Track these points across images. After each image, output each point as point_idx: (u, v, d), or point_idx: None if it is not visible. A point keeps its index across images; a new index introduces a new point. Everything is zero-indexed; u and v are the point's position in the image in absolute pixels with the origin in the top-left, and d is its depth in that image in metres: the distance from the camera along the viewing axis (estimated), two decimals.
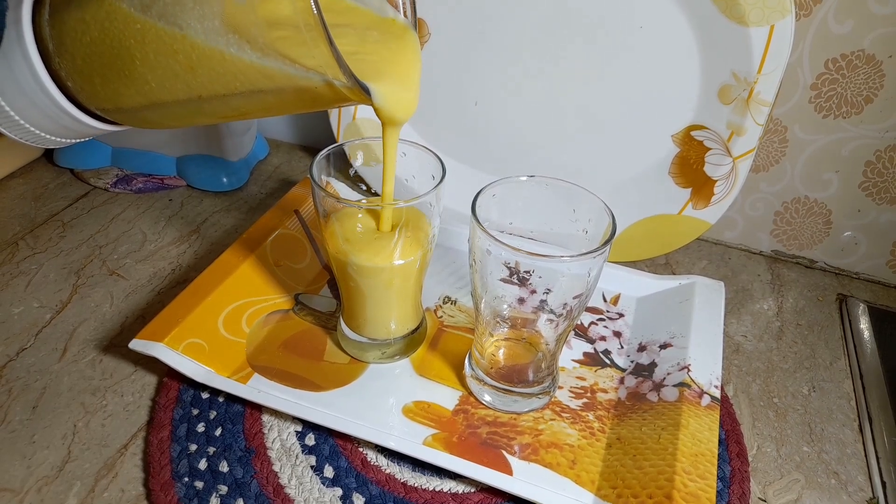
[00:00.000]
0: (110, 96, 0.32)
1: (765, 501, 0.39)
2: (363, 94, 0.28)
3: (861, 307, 0.53)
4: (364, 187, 0.61)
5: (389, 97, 0.32)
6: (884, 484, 0.39)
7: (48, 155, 0.65)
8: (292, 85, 0.27)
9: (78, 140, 0.38)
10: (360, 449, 0.39)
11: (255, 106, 0.30)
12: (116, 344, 0.46)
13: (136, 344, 0.41)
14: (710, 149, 0.51)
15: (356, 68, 0.27)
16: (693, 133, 0.51)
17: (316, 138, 0.71)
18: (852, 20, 0.46)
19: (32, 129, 0.35)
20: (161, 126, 0.35)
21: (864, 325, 0.51)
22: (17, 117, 0.34)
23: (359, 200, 0.39)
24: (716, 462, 0.36)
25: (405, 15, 0.36)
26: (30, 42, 0.31)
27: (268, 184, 0.65)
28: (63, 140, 0.37)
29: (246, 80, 0.28)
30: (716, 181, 0.51)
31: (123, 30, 0.29)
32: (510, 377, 0.41)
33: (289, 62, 0.26)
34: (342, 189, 0.47)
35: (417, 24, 0.36)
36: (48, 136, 0.36)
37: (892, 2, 0.45)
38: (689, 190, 0.53)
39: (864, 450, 0.42)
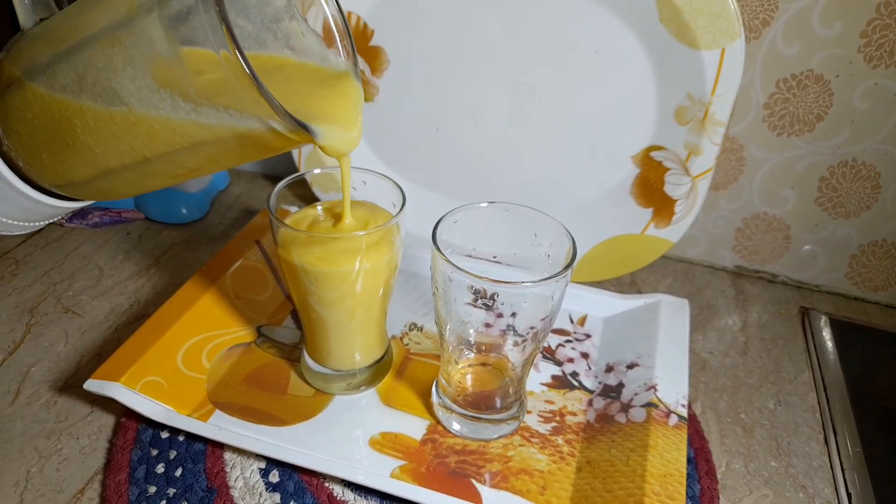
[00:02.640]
0: (60, 170, 0.32)
1: None
2: (304, 132, 0.28)
3: (823, 319, 0.54)
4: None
5: (331, 132, 0.32)
6: (849, 495, 0.40)
7: None
8: (232, 133, 0.27)
9: (42, 223, 0.37)
10: (327, 484, 0.38)
11: (202, 160, 0.30)
12: (72, 384, 0.44)
13: (92, 384, 0.40)
14: (669, 169, 0.51)
15: (293, 110, 0.27)
16: (652, 154, 0.52)
17: (278, 167, 0.71)
18: (799, 42, 0.48)
19: None
20: (116, 196, 0.35)
21: (827, 337, 0.52)
22: None
23: (316, 230, 0.39)
24: (684, 482, 0.36)
25: (345, 56, 0.36)
26: None
27: (229, 214, 0.64)
28: (26, 224, 0.36)
29: (185, 133, 0.28)
30: (676, 200, 0.52)
31: (61, 105, 0.29)
32: (478, 404, 0.40)
33: (223, 109, 0.26)
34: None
35: (357, 59, 0.36)
36: (9, 221, 0.35)
37: (835, 25, 0.46)
38: (651, 210, 0.54)
39: (830, 461, 0.42)
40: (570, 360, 0.47)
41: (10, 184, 0.32)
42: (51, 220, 0.38)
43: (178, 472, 0.38)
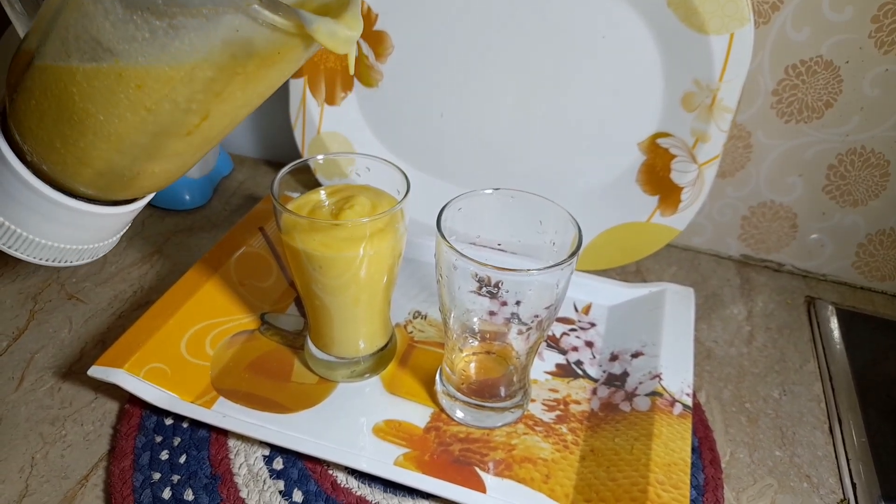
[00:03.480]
0: (81, 158, 0.31)
1: None
2: (293, 19, 0.26)
3: (829, 309, 0.53)
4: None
5: (325, 23, 0.27)
6: (854, 485, 0.40)
7: None
8: (218, 45, 0.26)
9: (110, 240, 0.37)
10: (330, 471, 0.38)
11: (205, 98, 0.28)
12: (76, 371, 0.44)
13: (96, 371, 0.40)
14: (675, 156, 0.51)
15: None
16: (658, 141, 0.51)
17: (281, 153, 0.70)
18: (809, 27, 0.47)
19: (43, 241, 0.34)
20: (155, 180, 0.34)
21: (833, 327, 0.52)
22: (21, 231, 0.33)
23: (319, 215, 0.38)
24: (689, 471, 0.36)
25: None
26: (2, 143, 0.31)
27: (232, 200, 0.64)
28: (85, 247, 0.36)
29: (173, 62, 0.26)
30: (682, 188, 0.52)
31: (55, 76, 0.29)
32: (482, 392, 0.40)
33: (197, 13, 0.25)
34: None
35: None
36: (64, 246, 0.34)
37: (846, 10, 0.46)
38: (657, 197, 0.53)
39: (835, 451, 0.42)
40: (575, 349, 0.47)
41: (42, 194, 0.32)
42: (113, 239, 0.37)
43: (182, 459, 0.38)
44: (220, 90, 0.28)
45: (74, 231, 0.34)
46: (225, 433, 0.40)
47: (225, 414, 0.39)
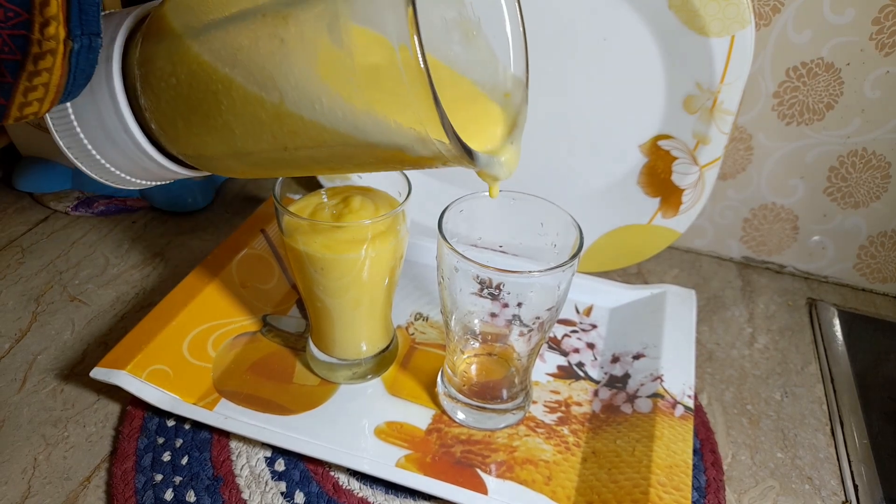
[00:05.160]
0: (192, 142, 0.31)
1: None
2: (467, 157, 0.26)
3: (831, 311, 0.53)
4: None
5: (489, 161, 0.29)
6: (856, 487, 0.40)
7: (6, 179, 0.64)
8: (385, 143, 0.25)
9: (158, 183, 0.36)
10: (332, 473, 0.38)
11: (343, 160, 0.28)
12: (78, 372, 0.44)
13: (98, 372, 0.40)
14: (676, 158, 0.51)
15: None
16: (660, 143, 0.51)
17: None
18: (810, 30, 0.47)
19: (111, 168, 0.33)
20: (242, 175, 0.34)
21: (835, 329, 0.52)
22: (97, 155, 0.33)
23: (321, 217, 0.38)
24: (690, 473, 0.36)
25: (517, 70, 0.33)
26: (118, 81, 0.30)
27: (234, 203, 0.64)
28: (142, 182, 0.35)
29: (336, 133, 0.25)
30: (683, 190, 0.52)
31: (210, 78, 0.27)
32: (483, 394, 0.40)
33: (383, 116, 0.24)
34: None
35: (528, 74, 0.33)
36: (126, 177, 0.34)
37: (847, 12, 0.46)
38: (658, 199, 0.53)
39: (837, 453, 0.42)
40: (576, 351, 0.47)
41: (138, 144, 0.32)
42: (161, 182, 0.37)
43: (185, 461, 0.38)
44: (358, 162, 0.28)
45: (134, 167, 0.34)
46: (227, 435, 0.40)
47: (227, 415, 0.40)
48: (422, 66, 0.22)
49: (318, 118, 0.25)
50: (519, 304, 0.35)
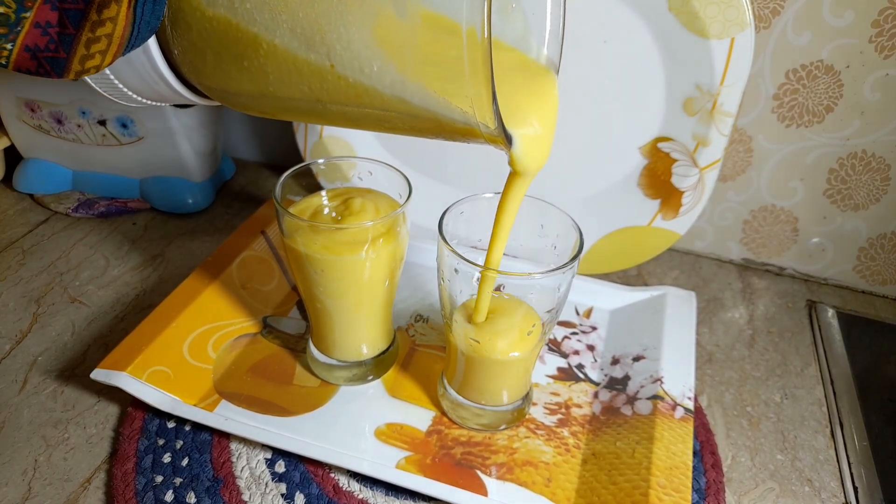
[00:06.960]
0: (218, 76, 0.29)
1: None
2: (504, 141, 0.25)
3: (830, 312, 0.53)
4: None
5: (529, 147, 0.29)
6: (856, 489, 0.40)
7: (7, 181, 0.64)
8: (427, 114, 0.25)
9: (160, 104, 0.35)
10: (332, 475, 0.38)
11: (374, 121, 0.27)
12: (79, 374, 0.44)
13: (98, 374, 0.40)
14: (676, 160, 0.51)
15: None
16: (660, 145, 0.51)
17: (283, 157, 0.71)
18: (810, 32, 0.47)
19: (119, 84, 0.32)
20: (259, 113, 0.32)
21: (834, 331, 0.52)
22: (107, 71, 0.31)
23: (321, 219, 0.38)
24: (690, 475, 0.36)
25: (550, 52, 0.32)
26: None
27: (234, 204, 0.64)
28: (146, 101, 0.34)
29: (378, 97, 0.25)
30: (683, 192, 0.52)
31: (254, 18, 0.26)
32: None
33: (434, 91, 0.23)
34: None
35: (561, 55, 0.32)
36: (131, 94, 0.33)
37: (846, 14, 0.46)
38: (658, 201, 0.53)
39: (837, 455, 0.42)
40: (576, 353, 0.47)
41: (156, 68, 0.30)
42: (161, 104, 0.35)
43: (185, 462, 0.38)
44: (390, 126, 0.27)
45: (143, 86, 0.33)
46: (227, 436, 0.40)
47: (227, 417, 0.40)
48: (488, 56, 0.21)
49: (364, 80, 0.24)
50: None
